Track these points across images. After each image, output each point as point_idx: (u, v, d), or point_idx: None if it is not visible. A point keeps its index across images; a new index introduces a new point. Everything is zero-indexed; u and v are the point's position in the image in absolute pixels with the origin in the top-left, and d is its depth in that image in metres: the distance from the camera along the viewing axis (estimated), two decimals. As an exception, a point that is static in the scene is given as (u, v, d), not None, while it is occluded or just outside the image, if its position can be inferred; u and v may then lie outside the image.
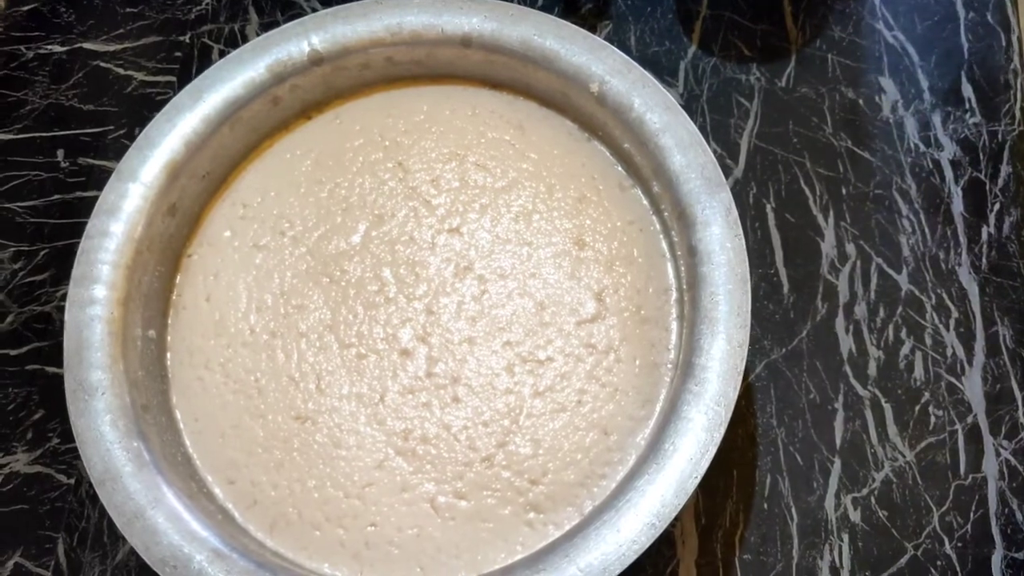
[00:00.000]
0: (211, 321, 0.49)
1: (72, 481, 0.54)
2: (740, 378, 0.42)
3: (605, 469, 0.45)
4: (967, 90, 0.59)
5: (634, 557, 0.40)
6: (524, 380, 0.47)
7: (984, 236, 0.56)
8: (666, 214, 0.48)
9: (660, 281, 0.48)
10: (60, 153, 0.62)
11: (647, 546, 0.40)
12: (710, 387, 0.42)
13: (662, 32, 0.62)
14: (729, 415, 0.41)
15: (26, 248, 0.60)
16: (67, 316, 0.46)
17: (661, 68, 0.61)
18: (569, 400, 0.46)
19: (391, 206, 0.51)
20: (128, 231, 0.48)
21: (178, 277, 0.51)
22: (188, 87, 0.50)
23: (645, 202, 0.49)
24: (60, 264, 0.59)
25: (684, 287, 0.47)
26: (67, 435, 0.55)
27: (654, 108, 0.47)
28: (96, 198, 0.49)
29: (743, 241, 0.45)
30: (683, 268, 0.47)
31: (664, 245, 0.49)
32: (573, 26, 0.49)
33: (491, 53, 0.50)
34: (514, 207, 0.50)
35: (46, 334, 0.57)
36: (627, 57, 0.48)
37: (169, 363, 0.49)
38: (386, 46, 0.51)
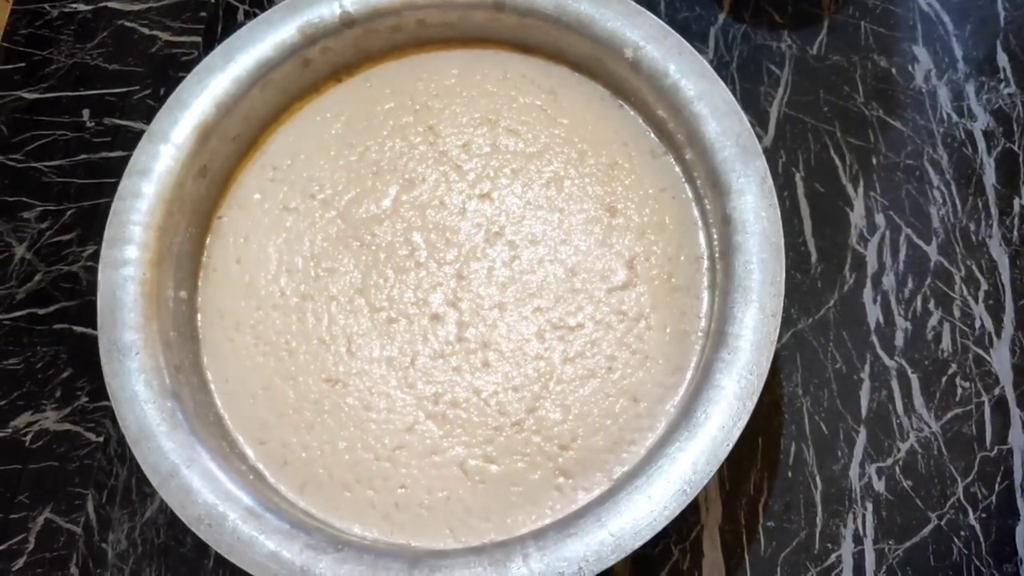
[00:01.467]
0: (241, 283, 0.50)
1: (101, 439, 0.54)
2: (773, 347, 0.42)
3: (634, 435, 0.45)
4: (1002, 59, 0.59)
5: (665, 523, 0.40)
6: (554, 346, 0.47)
7: (1016, 208, 0.55)
8: (699, 182, 0.48)
9: (692, 249, 0.48)
10: (86, 113, 0.62)
11: (678, 513, 0.40)
12: (743, 356, 0.42)
13: (693, -3, 0.62)
14: (762, 384, 0.42)
15: (53, 208, 0.60)
16: (100, 277, 0.46)
17: (691, 34, 0.60)
18: (599, 366, 0.46)
19: (422, 170, 0.51)
20: (159, 192, 0.48)
21: (208, 239, 0.51)
22: (219, 48, 0.50)
23: (677, 170, 0.49)
24: (87, 224, 0.59)
25: (716, 255, 0.46)
26: (95, 393, 0.55)
27: (690, 75, 0.47)
28: (122, 158, 0.49)
29: (778, 210, 0.44)
30: (716, 236, 0.46)
31: (696, 213, 0.48)
32: (608, -10, 0.49)
33: (524, 17, 0.50)
34: (545, 173, 0.50)
35: (74, 293, 0.58)
36: (663, 23, 0.48)
37: (200, 324, 0.49)
38: (418, 8, 0.51)
